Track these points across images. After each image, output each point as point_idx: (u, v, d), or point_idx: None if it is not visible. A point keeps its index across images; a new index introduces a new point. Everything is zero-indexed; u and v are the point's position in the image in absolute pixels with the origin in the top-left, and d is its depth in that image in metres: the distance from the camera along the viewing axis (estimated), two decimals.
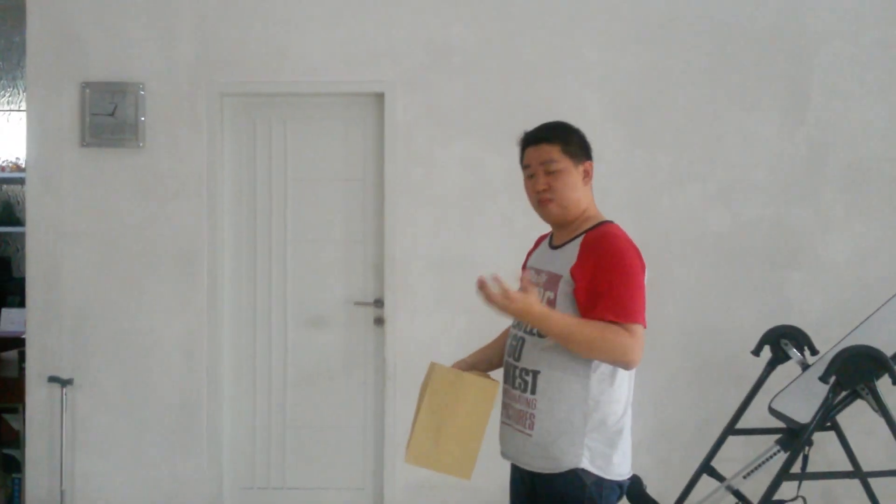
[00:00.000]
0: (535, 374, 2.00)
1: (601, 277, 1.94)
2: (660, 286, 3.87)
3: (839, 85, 3.89)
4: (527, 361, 2.02)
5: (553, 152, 2.09)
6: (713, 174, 3.90)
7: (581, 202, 2.09)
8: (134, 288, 3.93)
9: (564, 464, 1.96)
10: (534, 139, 2.12)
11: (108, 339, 3.93)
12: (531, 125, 3.98)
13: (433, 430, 2.00)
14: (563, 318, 1.93)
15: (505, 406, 2.11)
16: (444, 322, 3.85)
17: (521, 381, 2.04)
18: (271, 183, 4.02)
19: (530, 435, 2.01)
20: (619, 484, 2.01)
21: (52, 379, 3.83)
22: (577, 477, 1.95)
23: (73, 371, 3.90)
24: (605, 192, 3.85)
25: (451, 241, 3.90)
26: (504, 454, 2.14)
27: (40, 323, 3.92)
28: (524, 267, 2.23)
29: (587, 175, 2.09)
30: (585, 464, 1.95)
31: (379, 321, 3.97)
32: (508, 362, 2.11)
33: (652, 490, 2.83)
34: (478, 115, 3.91)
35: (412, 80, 3.91)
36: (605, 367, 1.96)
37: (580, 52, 3.90)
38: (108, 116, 3.90)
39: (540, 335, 1.99)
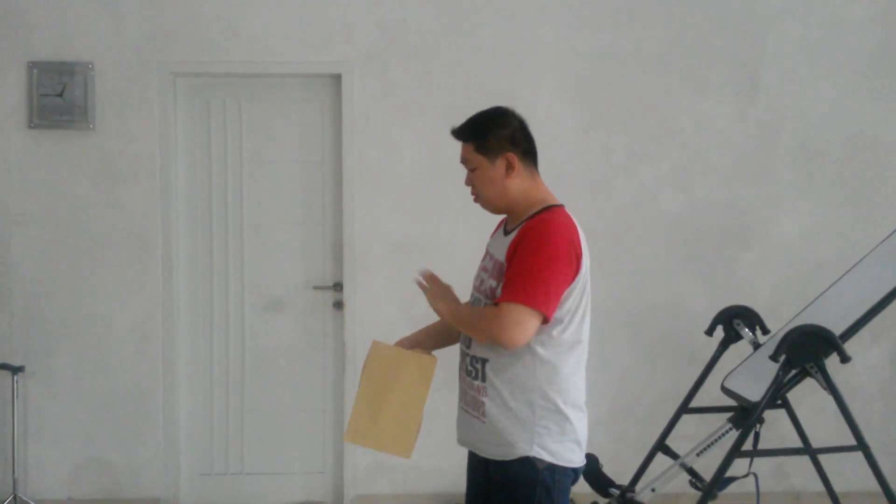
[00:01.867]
0: (484, 361, 2.01)
1: (515, 262, 1.96)
2: (614, 267, 3.94)
3: (789, 66, 3.94)
4: (476, 349, 2.03)
5: (468, 151, 2.10)
6: (667, 155, 3.94)
7: (507, 194, 2.07)
8: (86, 273, 3.85)
9: (517, 450, 1.97)
10: (455, 135, 2.13)
11: (60, 325, 3.85)
12: (486, 106, 3.98)
13: (372, 407, 1.99)
14: (459, 307, 2.04)
15: (462, 392, 2.12)
16: (403, 305, 3.84)
17: (472, 369, 2.05)
18: (227, 165, 3.96)
19: (483, 422, 2.02)
20: (574, 469, 2.02)
21: (3, 366, 3.74)
22: (529, 463, 1.96)
23: (25, 358, 3.81)
24: (561, 173, 3.92)
25: (410, 224, 3.88)
26: (461, 441, 2.15)
27: None
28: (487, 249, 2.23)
29: (510, 166, 2.05)
30: (537, 451, 1.96)
31: (338, 305, 3.95)
32: (461, 350, 2.12)
33: (607, 468, 2.87)
34: (435, 96, 3.88)
35: (369, 61, 3.87)
36: (550, 355, 1.96)
37: (536, 34, 3.89)
38: (56, 97, 3.80)
39: None
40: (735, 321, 3.15)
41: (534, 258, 1.92)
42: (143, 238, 3.86)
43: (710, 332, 3.17)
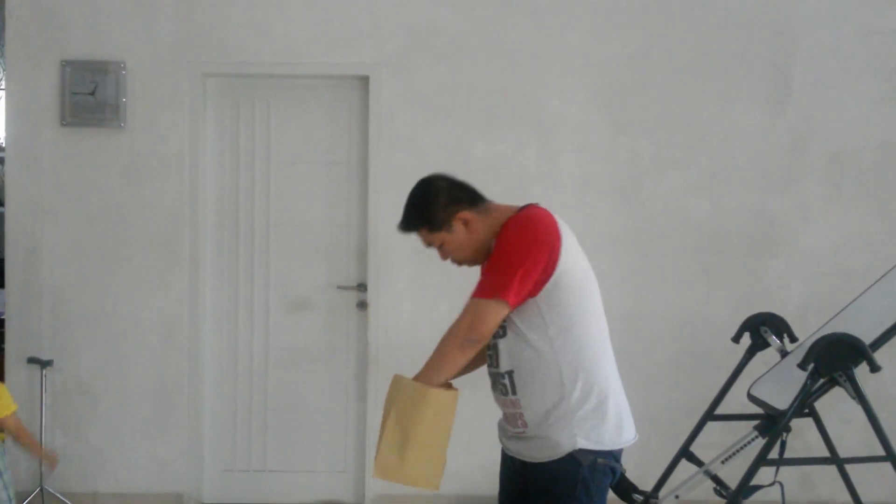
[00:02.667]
0: (510, 374, 2.03)
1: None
2: (640, 273, 3.92)
3: (821, 74, 3.90)
4: (502, 365, 2.05)
5: (425, 236, 2.12)
6: (695, 162, 3.92)
7: (479, 244, 2.09)
8: (114, 269, 3.90)
9: (563, 448, 1.97)
10: (403, 231, 2.15)
11: (89, 320, 3.90)
12: (515, 110, 4.00)
13: (398, 443, 2.00)
14: (429, 361, 2.04)
15: (503, 415, 2.16)
16: (426, 306, 3.85)
17: (502, 386, 2.06)
18: (254, 165, 3.99)
19: (524, 432, 2.04)
20: (612, 468, 2.02)
21: (32, 360, 3.80)
22: (573, 459, 1.97)
23: (53, 352, 3.87)
24: (588, 178, 3.91)
25: None
26: (506, 449, 2.17)
27: (19, 304, 3.89)
28: None
29: (466, 223, 2.07)
30: (582, 443, 1.96)
31: (362, 305, 3.97)
32: (488, 371, 2.14)
33: (631, 474, 2.84)
34: (462, 98, 3.89)
35: (397, 63, 3.88)
36: (568, 347, 1.97)
37: (564, 38, 3.89)
38: (88, 95, 3.85)
39: (502, 335, 2.03)
40: (762, 328, 3.11)
41: (497, 254, 1.98)
42: (171, 236, 3.90)
43: (736, 339, 3.14)
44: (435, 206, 2.07)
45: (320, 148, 4.00)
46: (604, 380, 2.01)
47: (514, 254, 1.94)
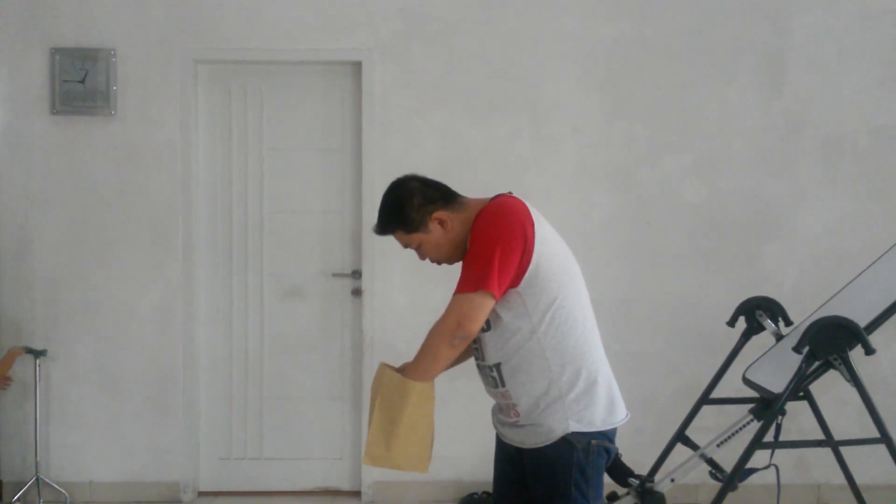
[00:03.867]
0: (498, 366, 2.04)
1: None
2: (636, 257, 3.92)
3: (817, 57, 3.89)
4: (488, 358, 2.06)
5: (401, 238, 2.12)
6: (690, 146, 3.91)
7: (456, 241, 2.08)
8: (107, 258, 3.88)
9: (556, 433, 1.99)
10: (380, 234, 2.15)
11: (82, 309, 3.89)
12: (509, 95, 3.97)
13: (385, 432, 2.04)
14: (416, 358, 2.04)
15: (496, 406, 2.17)
16: (420, 293, 3.84)
17: (491, 378, 2.08)
18: (247, 152, 3.97)
19: (518, 421, 2.05)
20: (607, 448, 2.04)
21: (26, 350, 3.78)
22: (566, 443, 1.98)
23: (46, 342, 3.85)
24: (584, 163, 3.90)
25: None
26: (501, 436, 2.18)
27: (12, 293, 3.87)
28: None
29: (442, 222, 2.06)
30: (574, 426, 1.98)
31: (356, 292, 3.96)
32: (477, 364, 2.15)
33: (627, 458, 2.83)
34: (456, 84, 3.87)
35: (390, 48, 3.85)
36: (552, 334, 1.97)
37: (559, 22, 3.86)
38: (78, 83, 3.82)
39: (486, 329, 2.03)
40: (758, 312, 3.10)
41: (473, 248, 1.98)
42: (164, 224, 3.88)
43: (731, 322, 3.14)
44: (409, 207, 2.07)
45: (313, 134, 3.97)
46: (591, 362, 2.02)
47: (488, 245, 1.93)
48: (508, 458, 2.16)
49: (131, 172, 3.86)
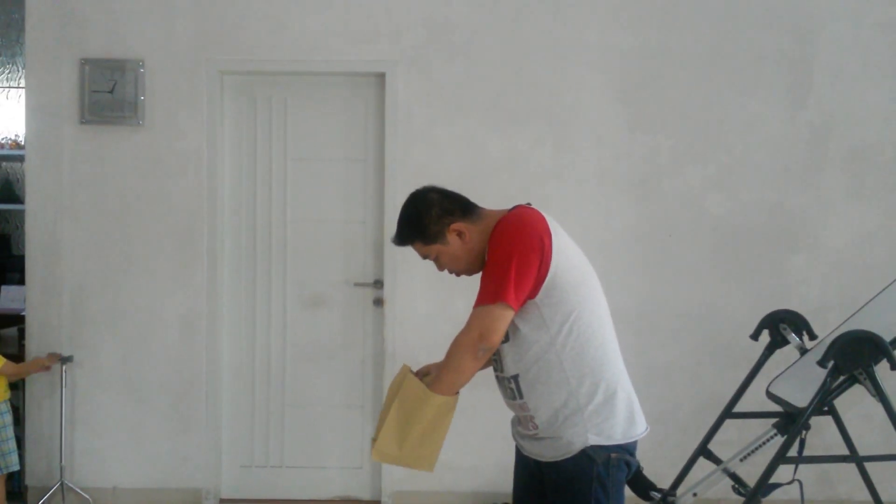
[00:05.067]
0: (516, 378, 2.03)
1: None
2: (659, 269, 3.90)
3: (842, 68, 3.86)
4: (506, 370, 2.06)
5: (420, 249, 2.12)
6: (714, 157, 3.89)
7: (474, 253, 2.08)
8: (133, 266, 3.93)
9: (575, 446, 1.98)
10: (399, 244, 2.16)
11: (108, 316, 3.94)
12: (531, 105, 3.98)
13: (399, 434, 2.05)
14: (439, 374, 2.05)
15: (515, 418, 2.17)
16: (442, 303, 3.85)
17: (509, 390, 2.08)
18: (271, 162, 4.01)
19: (537, 434, 2.05)
20: (627, 462, 2.02)
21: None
22: (586, 457, 1.97)
23: (73, 348, 3.91)
24: (606, 173, 3.89)
25: None
26: (521, 448, 2.18)
27: (40, 300, 3.93)
28: None
29: (460, 234, 2.07)
30: (593, 439, 1.96)
31: (378, 302, 3.97)
32: (496, 376, 2.15)
33: (648, 472, 2.82)
34: (478, 94, 3.88)
35: (413, 59, 3.88)
36: (571, 345, 1.97)
37: (581, 32, 3.87)
38: (107, 94, 3.88)
39: (505, 340, 2.03)
40: (781, 325, 3.08)
41: (490, 259, 1.97)
42: (190, 232, 3.92)
43: (755, 336, 3.11)
44: (428, 219, 2.08)
45: (337, 144, 4.00)
46: (610, 374, 2.01)
47: (506, 257, 1.93)
48: (528, 470, 2.15)
49: (158, 181, 3.92)
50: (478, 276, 2.10)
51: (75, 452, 3.95)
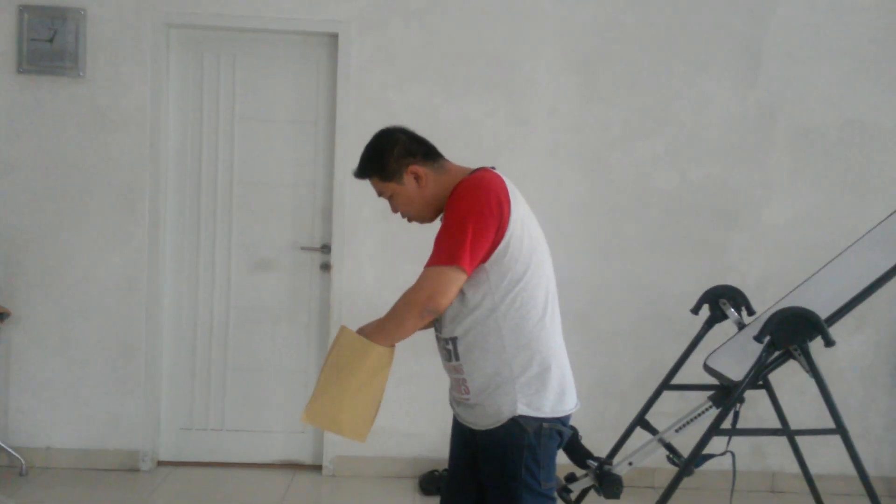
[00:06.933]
0: (454, 340, 2.03)
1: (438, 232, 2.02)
2: (604, 242, 3.93)
3: (792, 48, 3.91)
4: (445, 331, 2.05)
5: (376, 185, 2.12)
6: (664, 133, 3.92)
7: (428, 200, 2.08)
8: (72, 222, 3.81)
9: (504, 415, 1.98)
10: (357, 177, 2.15)
11: (45, 273, 3.82)
12: (486, 74, 3.95)
13: (332, 393, 2.02)
14: (380, 322, 2.04)
15: (451, 381, 2.15)
16: (390, 269, 3.83)
17: (446, 351, 2.07)
18: (218, 120, 3.91)
19: (468, 398, 2.04)
20: (559, 431, 2.03)
21: None
22: (516, 425, 1.98)
23: (9, 305, 3.78)
24: (558, 145, 3.90)
25: None
26: (456, 415, 2.18)
27: None
28: None
29: (418, 177, 2.06)
30: (522, 409, 1.97)
31: (325, 266, 3.93)
32: (435, 335, 2.14)
33: (586, 441, 2.87)
34: (433, 61, 3.83)
35: (367, 21, 3.81)
36: (512, 315, 1.97)
37: (538, 3, 3.84)
38: (46, 42, 3.73)
39: None
40: (721, 301, 3.14)
41: (447, 220, 1.96)
42: (131, 190, 3.82)
43: (695, 310, 3.17)
44: (388, 156, 2.07)
45: (287, 106, 3.92)
46: (547, 349, 2.01)
47: (464, 220, 1.92)
48: (463, 438, 2.16)
49: (98, 136, 3.79)
50: (426, 241, 2.08)
51: (10, 411, 3.85)
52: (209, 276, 3.96)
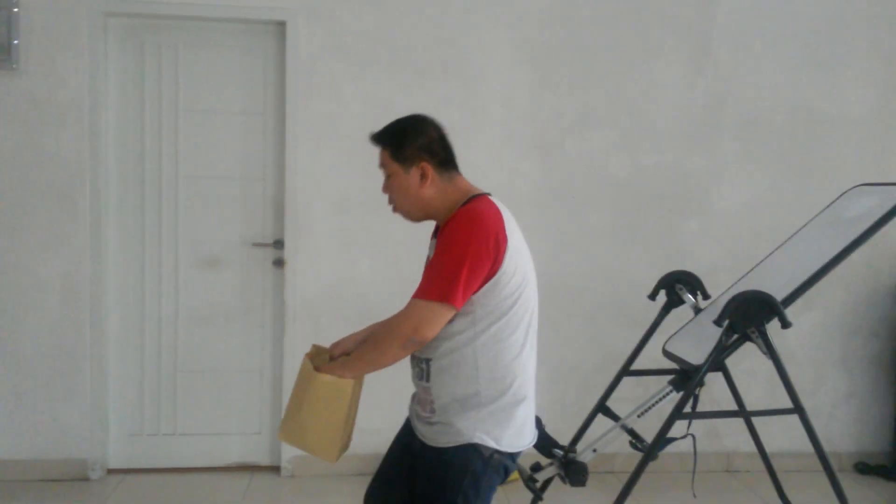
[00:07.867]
0: (428, 361, 1.99)
1: (432, 259, 1.97)
2: (559, 230, 3.93)
3: (739, 36, 3.96)
4: (422, 351, 2.01)
5: (384, 157, 2.06)
6: (617, 120, 3.93)
7: (421, 203, 2.04)
8: (8, 223, 3.64)
9: (463, 437, 1.95)
10: (373, 140, 2.08)
11: None
12: (439, 62, 3.90)
13: (298, 417, 2.01)
14: (360, 353, 2.01)
15: (415, 394, 2.12)
16: (345, 264, 3.76)
17: (418, 370, 2.04)
18: (161, 113, 3.77)
19: (431, 417, 2.01)
20: (507, 467, 2.01)
21: None
22: (471, 449, 1.94)
23: None
24: (511, 133, 3.87)
25: (355, 181, 3.78)
26: (413, 427, 2.13)
27: None
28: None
29: (424, 176, 2.01)
30: (481, 437, 1.94)
31: (278, 262, 3.84)
32: (411, 354, 2.08)
33: (549, 428, 2.87)
34: (386, 49, 3.77)
35: (316, 8, 3.72)
36: (490, 347, 1.94)
37: None
38: None
39: None
40: (678, 286, 3.16)
41: (445, 251, 1.90)
42: (70, 187, 3.66)
43: (652, 296, 3.19)
44: (411, 141, 2.02)
45: (233, 97, 3.80)
46: (518, 384, 1.98)
47: (462, 256, 1.86)
48: (409, 448, 2.12)
49: (34, 131, 3.62)
50: (382, 234, 2.03)
51: None
52: (156, 275, 3.83)
